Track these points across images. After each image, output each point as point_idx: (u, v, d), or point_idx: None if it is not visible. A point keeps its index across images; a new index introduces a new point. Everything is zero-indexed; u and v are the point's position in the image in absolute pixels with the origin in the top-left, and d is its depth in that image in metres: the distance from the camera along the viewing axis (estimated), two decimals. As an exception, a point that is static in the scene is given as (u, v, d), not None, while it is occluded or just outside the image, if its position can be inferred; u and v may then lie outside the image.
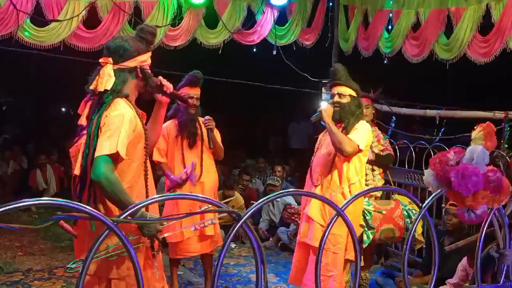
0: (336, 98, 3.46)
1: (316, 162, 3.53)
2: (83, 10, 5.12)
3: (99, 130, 2.27)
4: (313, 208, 3.38)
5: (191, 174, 3.93)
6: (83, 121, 2.40)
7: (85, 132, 2.38)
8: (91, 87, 2.37)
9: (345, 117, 3.42)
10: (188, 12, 5.69)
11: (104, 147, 2.21)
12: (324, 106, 3.41)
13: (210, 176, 4.11)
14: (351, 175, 3.39)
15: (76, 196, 2.37)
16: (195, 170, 3.98)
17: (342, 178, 3.38)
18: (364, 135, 3.37)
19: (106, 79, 2.33)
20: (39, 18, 5.01)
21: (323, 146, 3.53)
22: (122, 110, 2.31)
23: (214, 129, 4.05)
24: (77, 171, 2.35)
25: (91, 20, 5.28)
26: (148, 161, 2.50)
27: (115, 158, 2.24)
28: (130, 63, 2.39)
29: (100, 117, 2.30)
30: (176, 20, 5.67)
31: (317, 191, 3.41)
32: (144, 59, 2.44)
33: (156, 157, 4.02)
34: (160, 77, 2.54)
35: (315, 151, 3.61)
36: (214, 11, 5.88)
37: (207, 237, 4.01)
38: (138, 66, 2.42)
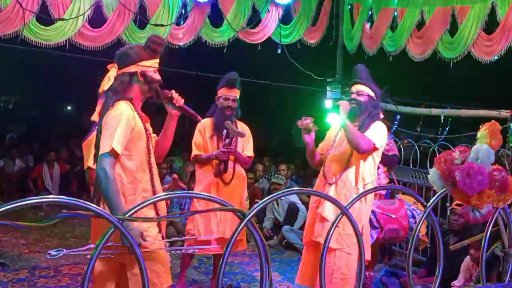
0: (354, 96, 3.44)
1: (331, 160, 3.48)
2: (88, 9, 5.14)
3: (102, 129, 2.48)
4: (327, 208, 3.33)
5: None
6: (95, 117, 2.65)
7: (95, 129, 2.66)
8: (100, 90, 2.58)
9: (360, 115, 3.39)
10: (193, 11, 5.70)
11: (104, 146, 2.41)
12: (342, 101, 3.40)
13: (239, 180, 4.11)
14: (366, 175, 3.36)
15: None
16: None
17: (358, 178, 3.35)
18: (380, 134, 3.35)
19: (106, 81, 2.55)
20: (45, 17, 5.04)
21: (338, 144, 3.48)
22: (121, 110, 2.47)
23: (229, 159, 4.02)
24: (90, 163, 2.70)
25: (97, 18, 5.30)
26: (153, 160, 2.61)
27: (114, 155, 2.42)
28: (132, 68, 2.55)
29: (103, 117, 2.50)
30: (181, 18, 5.69)
31: (332, 190, 3.37)
32: (147, 65, 2.58)
33: (195, 151, 4.06)
34: (173, 91, 2.69)
35: (328, 149, 3.56)
36: (219, 10, 5.89)
37: (225, 240, 3.97)
38: (139, 71, 2.56)
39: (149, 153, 2.57)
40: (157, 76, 2.62)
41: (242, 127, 4.16)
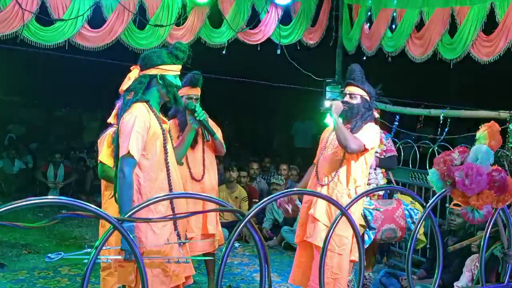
0: (347, 98, 3.43)
1: (323, 161, 3.47)
2: (88, 10, 5.14)
3: (119, 131, 2.61)
4: (319, 209, 3.33)
5: None
6: (111, 120, 2.82)
7: (111, 128, 2.97)
8: (120, 89, 2.70)
9: (352, 118, 3.38)
10: (192, 12, 5.71)
11: (122, 149, 2.56)
12: (335, 102, 3.39)
13: (211, 175, 4.08)
14: (357, 177, 3.35)
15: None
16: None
17: (349, 180, 3.34)
18: (371, 135, 3.33)
19: (126, 81, 2.67)
20: (44, 18, 5.04)
21: (330, 145, 3.47)
22: (136, 113, 2.58)
23: (207, 119, 3.93)
24: (102, 157, 3.15)
25: (96, 19, 5.31)
26: (172, 160, 2.71)
27: (131, 156, 2.55)
28: (152, 70, 2.67)
29: (120, 120, 2.62)
30: (181, 19, 5.69)
31: (324, 191, 3.36)
32: (167, 69, 2.69)
33: None
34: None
35: (321, 150, 3.54)
36: (219, 11, 5.89)
37: (210, 236, 3.99)
38: (158, 74, 2.67)
39: (166, 153, 2.67)
40: (177, 82, 2.73)
41: (210, 124, 4.12)
